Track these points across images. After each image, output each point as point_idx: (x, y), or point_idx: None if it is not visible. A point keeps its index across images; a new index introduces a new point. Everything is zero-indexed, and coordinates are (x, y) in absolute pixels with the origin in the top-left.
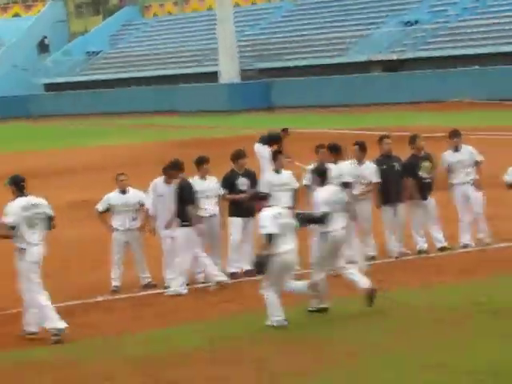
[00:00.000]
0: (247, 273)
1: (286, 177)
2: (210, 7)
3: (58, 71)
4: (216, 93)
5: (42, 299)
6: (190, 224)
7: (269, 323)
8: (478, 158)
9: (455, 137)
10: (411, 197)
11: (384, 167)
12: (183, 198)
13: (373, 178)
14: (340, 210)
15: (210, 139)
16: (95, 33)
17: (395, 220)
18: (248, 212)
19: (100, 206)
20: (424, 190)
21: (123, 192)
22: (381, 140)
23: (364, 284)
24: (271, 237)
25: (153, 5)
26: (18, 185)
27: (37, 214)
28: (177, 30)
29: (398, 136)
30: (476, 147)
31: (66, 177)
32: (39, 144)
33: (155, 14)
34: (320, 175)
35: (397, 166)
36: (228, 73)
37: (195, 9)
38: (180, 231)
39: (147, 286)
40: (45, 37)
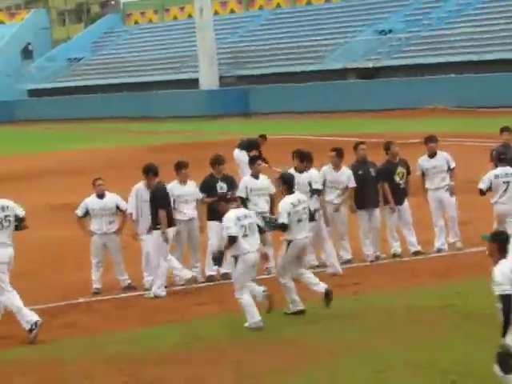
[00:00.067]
0: (224, 275)
1: (264, 182)
2: (190, 15)
3: (42, 77)
4: (195, 99)
5: (15, 299)
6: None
7: (247, 325)
8: (452, 165)
9: (431, 142)
10: (386, 202)
11: (360, 173)
12: (155, 202)
13: (349, 183)
14: (304, 219)
15: (189, 144)
16: (77, 40)
17: (370, 224)
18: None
19: (79, 211)
20: (398, 195)
21: (100, 196)
22: (356, 146)
23: (321, 288)
24: (234, 238)
25: (134, 13)
26: None
27: (6, 217)
28: (157, 38)
29: (374, 142)
30: (449, 153)
31: (48, 180)
32: (22, 148)
33: (136, 22)
34: (286, 183)
35: (372, 172)
36: (207, 79)
37: (175, 17)
38: (153, 234)
39: (127, 288)
40: (28, 43)
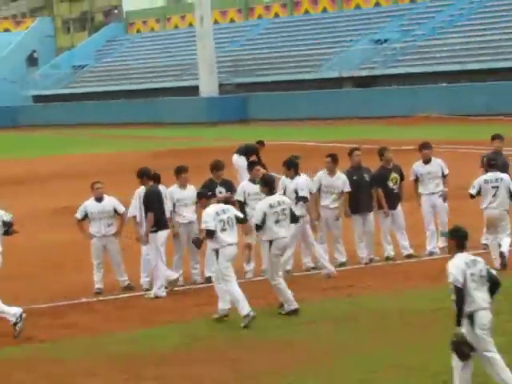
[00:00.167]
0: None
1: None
2: (191, 24)
3: (46, 84)
4: (195, 106)
5: None
6: (157, 230)
7: (244, 312)
8: (446, 171)
9: (425, 149)
10: (380, 206)
11: (354, 178)
12: (147, 205)
13: (345, 188)
14: (283, 219)
15: (189, 150)
16: (81, 48)
17: (365, 228)
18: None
19: (78, 215)
20: (392, 200)
21: (99, 200)
22: (351, 152)
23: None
24: (212, 232)
25: (136, 22)
26: None
27: None
28: (159, 46)
29: (368, 148)
30: (442, 160)
31: (51, 184)
32: (27, 152)
33: (138, 31)
34: (266, 185)
35: (366, 177)
36: (207, 87)
37: (176, 26)
38: (149, 237)
39: (126, 289)
40: (34, 51)
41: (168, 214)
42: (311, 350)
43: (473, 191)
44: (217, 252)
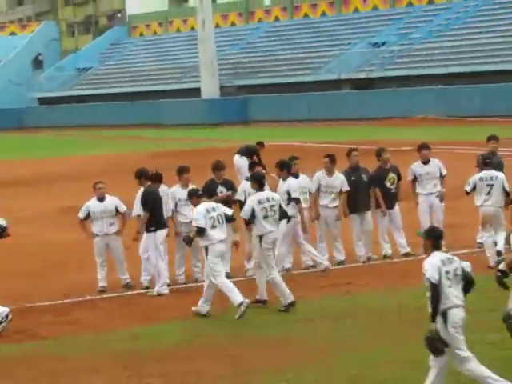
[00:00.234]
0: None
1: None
2: (193, 28)
3: (51, 86)
4: (197, 107)
5: None
6: (156, 229)
7: (238, 302)
8: (444, 172)
9: (424, 150)
10: (378, 206)
11: (352, 178)
12: (143, 205)
13: (343, 187)
14: (271, 215)
15: (191, 150)
16: (86, 51)
17: (362, 227)
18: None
19: (81, 214)
20: (390, 200)
21: (101, 199)
22: (349, 153)
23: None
24: (202, 230)
25: (139, 25)
26: None
27: None
28: (161, 49)
29: (366, 149)
30: (440, 160)
31: (55, 184)
32: (32, 153)
33: (141, 34)
34: (256, 181)
35: (364, 177)
36: (208, 89)
37: (178, 29)
38: (145, 236)
39: (125, 287)
40: (39, 54)
41: (170, 213)
42: (309, 347)
43: (468, 188)
44: (206, 249)
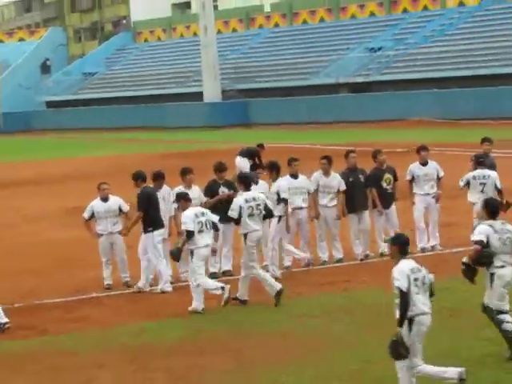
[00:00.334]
0: (225, 272)
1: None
2: (195, 34)
3: (59, 90)
4: (199, 111)
5: None
6: (153, 229)
7: (219, 291)
8: (441, 174)
9: (423, 151)
10: (374, 206)
11: (350, 179)
12: (138, 205)
13: (340, 187)
14: (257, 214)
15: (194, 152)
16: (92, 56)
17: (360, 226)
18: (227, 218)
19: (86, 214)
20: (386, 200)
21: (104, 200)
22: (347, 154)
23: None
24: (191, 233)
25: (144, 31)
26: None
27: None
28: (165, 54)
29: (363, 151)
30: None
31: (62, 185)
32: (40, 155)
33: (146, 40)
34: (243, 182)
35: (362, 178)
36: (210, 93)
37: (182, 35)
38: (147, 237)
39: (125, 285)
40: (47, 59)
41: (172, 213)
42: (309, 342)
43: (461, 183)
44: (192, 252)
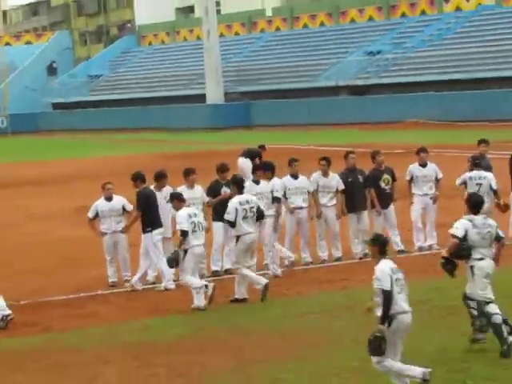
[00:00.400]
0: (227, 271)
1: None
2: (199, 37)
3: (65, 92)
4: (202, 112)
5: None
6: (152, 229)
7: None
8: (439, 175)
9: (423, 153)
10: (373, 205)
11: (349, 179)
12: (137, 205)
13: (339, 186)
14: (250, 217)
15: (197, 153)
16: (97, 59)
17: (359, 226)
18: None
19: (90, 214)
20: (384, 200)
21: (108, 199)
22: (347, 155)
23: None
24: (186, 232)
25: (148, 35)
26: None
27: None
28: (169, 57)
29: (362, 152)
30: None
31: (68, 184)
32: (47, 155)
33: (150, 43)
34: (235, 185)
35: (361, 179)
36: (213, 95)
37: (185, 38)
38: (143, 237)
39: (126, 282)
40: (53, 62)
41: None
42: (309, 339)
43: (458, 182)
44: (185, 251)
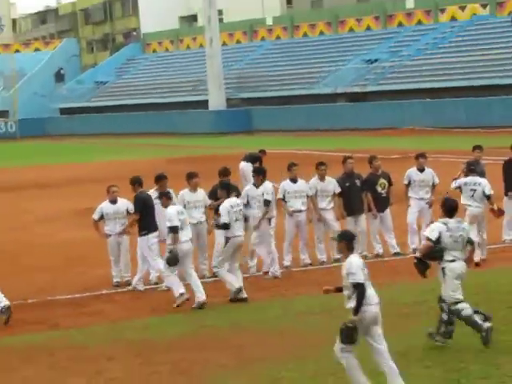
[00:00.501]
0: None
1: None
2: (201, 45)
3: (72, 98)
4: (205, 118)
5: None
6: (148, 232)
7: (178, 293)
8: (436, 181)
9: (421, 158)
10: (369, 209)
11: (347, 184)
12: (134, 208)
13: (336, 190)
14: (240, 219)
15: (200, 157)
16: (103, 66)
17: (357, 228)
18: None
19: (95, 216)
20: (381, 204)
21: (113, 202)
22: (345, 160)
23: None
24: (176, 228)
25: (152, 42)
26: None
27: None
28: (173, 64)
29: (360, 157)
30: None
31: (75, 187)
32: (54, 159)
33: (155, 51)
34: (224, 188)
35: (358, 183)
36: (215, 101)
37: (188, 46)
38: (139, 240)
39: (126, 284)
40: (61, 68)
41: None
42: (309, 338)
43: (453, 185)
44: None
